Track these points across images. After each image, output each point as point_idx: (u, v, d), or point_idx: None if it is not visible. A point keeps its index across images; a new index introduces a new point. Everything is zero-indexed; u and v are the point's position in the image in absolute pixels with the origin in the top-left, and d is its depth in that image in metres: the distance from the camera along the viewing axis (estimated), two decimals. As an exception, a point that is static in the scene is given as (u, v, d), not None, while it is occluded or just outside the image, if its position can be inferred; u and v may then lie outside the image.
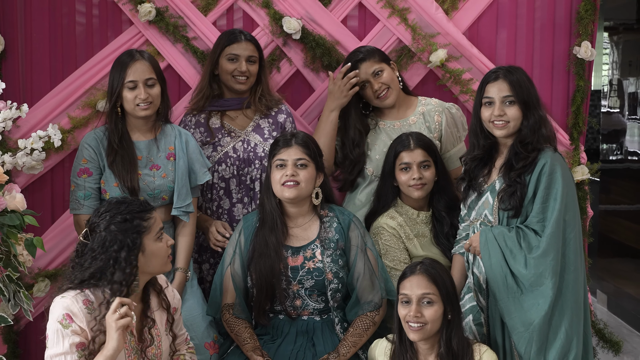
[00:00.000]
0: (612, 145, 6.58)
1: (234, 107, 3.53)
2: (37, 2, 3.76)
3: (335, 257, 3.08)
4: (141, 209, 2.51)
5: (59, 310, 2.40)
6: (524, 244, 2.83)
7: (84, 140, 3.23)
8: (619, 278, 6.07)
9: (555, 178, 2.84)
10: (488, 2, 3.81)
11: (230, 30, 3.54)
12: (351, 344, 2.99)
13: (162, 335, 2.63)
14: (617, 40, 6.58)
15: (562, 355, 2.78)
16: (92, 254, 2.43)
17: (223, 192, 3.50)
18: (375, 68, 3.44)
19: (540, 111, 2.93)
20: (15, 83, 3.74)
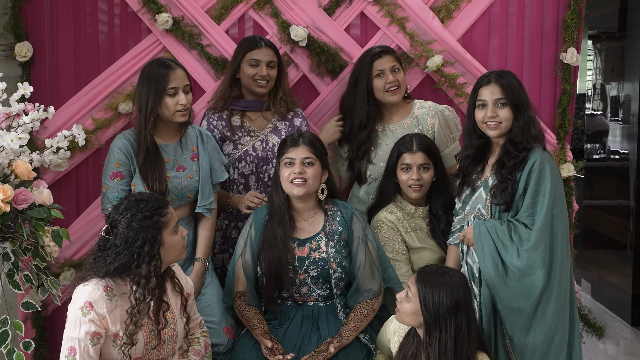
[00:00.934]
0: (595, 144, 6.57)
1: (254, 108, 3.53)
2: (62, 13, 3.76)
3: (339, 248, 3.08)
4: (159, 206, 2.52)
5: (82, 298, 2.42)
6: (515, 237, 2.82)
7: (115, 145, 3.20)
8: (602, 268, 6.06)
9: (544, 175, 2.84)
10: (481, 11, 3.80)
11: (251, 37, 3.54)
12: (353, 328, 2.99)
13: (177, 318, 2.64)
14: (601, 48, 6.56)
15: (548, 337, 2.77)
16: (116, 250, 2.44)
17: (242, 187, 3.50)
18: (395, 64, 3.45)
19: (530, 112, 2.92)
20: (43, 87, 3.74)
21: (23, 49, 3.68)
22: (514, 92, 2.91)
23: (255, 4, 3.78)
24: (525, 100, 2.93)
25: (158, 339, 2.54)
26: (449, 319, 2.56)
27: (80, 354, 2.40)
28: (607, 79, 6.35)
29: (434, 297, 2.56)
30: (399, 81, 3.44)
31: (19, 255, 2.86)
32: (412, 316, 2.63)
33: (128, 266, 2.44)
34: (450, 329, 2.56)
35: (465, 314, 2.59)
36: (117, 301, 2.46)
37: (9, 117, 3.03)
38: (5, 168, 2.93)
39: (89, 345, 2.40)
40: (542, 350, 2.80)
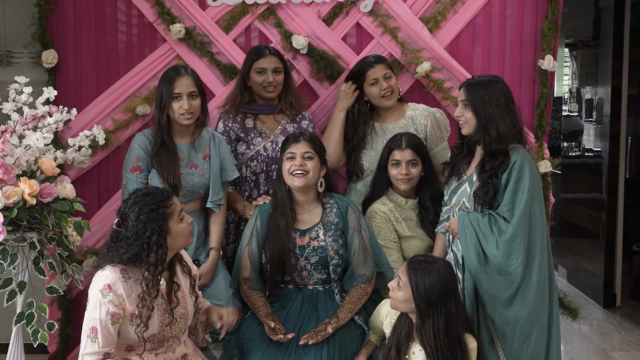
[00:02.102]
0: (571, 143, 6.56)
1: (266, 112, 3.51)
2: (85, 23, 3.75)
3: (336, 237, 3.07)
4: (163, 198, 2.51)
5: (101, 281, 2.42)
6: (495, 229, 2.80)
7: (135, 142, 3.20)
8: (577, 255, 6.06)
9: (524, 174, 2.80)
10: (466, 22, 3.78)
11: (257, 47, 3.51)
12: (348, 310, 2.98)
13: (187, 296, 2.65)
14: (576, 55, 6.54)
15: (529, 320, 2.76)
16: (127, 241, 2.44)
17: (253, 184, 3.49)
18: (387, 72, 3.44)
19: (504, 118, 2.86)
20: (68, 91, 3.74)
21: (49, 56, 3.69)
22: (477, 97, 2.88)
23: (260, 15, 3.76)
24: (495, 104, 2.87)
25: (171, 317, 2.54)
26: (440, 304, 2.54)
27: (101, 333, 2.39)
28: (582, 84, 6.33)
29: (425, 284, 2.54)
30: (392, 87, 3.44)
31: (44, 244, 2.86)
32: (404, 303, 2.61)
33: (139, 255, 2.44)
34: (442, 314, 2.54)
35: (454, 299, 2.57)
36: (132, 283, 2.46)
37: (35, 118, 3.03)
38: (32, 165, 2.93)
39: (109, 325, 2.40)
40: (523, 330, 2.78)
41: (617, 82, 5.38)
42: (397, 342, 2.66)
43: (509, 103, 2.91)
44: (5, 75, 3.86)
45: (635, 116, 5.67)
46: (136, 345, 2.50)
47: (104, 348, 2.40)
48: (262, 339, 2.92)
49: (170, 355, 2.58)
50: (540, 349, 2.82)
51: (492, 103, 2.87)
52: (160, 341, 2.55)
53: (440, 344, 2.52)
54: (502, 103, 2.88)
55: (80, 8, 3.74)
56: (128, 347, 2.51)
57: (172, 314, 2.55)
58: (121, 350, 2.50)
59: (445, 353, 2.53)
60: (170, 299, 2.55)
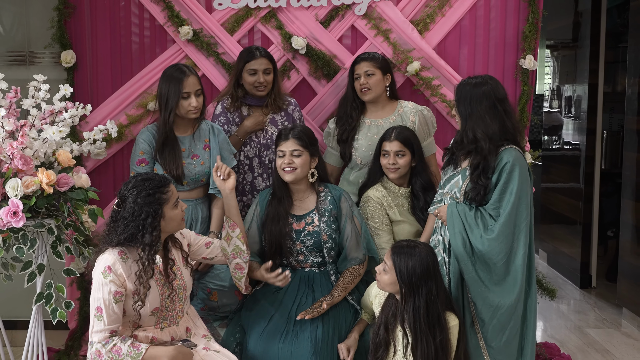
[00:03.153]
0: (552, 137, 6.53)
1: (256, 104, 3.47)
2: (101, 26, 3.73)
3: (329, 222, 3.05)
4: (161, 184, 2.49)
5: (101, 264, 2.41)
6: (480, 222, 2.74)
7: (140, 137, 3.18)
8: (556, 240, 6.05)
9: (514, 176, 2.71)
10: (453, 24, 3.74)
11: (249, 49, 3.46)
12: (342, 289, 2.97)
13: (182, 269, 2.64)
14: (557, 55, 6.51)
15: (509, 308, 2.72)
16: (125, 222, 2.42)
17: (247, 167, 3.48)
18: (368, 69, 3.38)
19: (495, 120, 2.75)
20: (85, 88, 3.73)
21: (68, 56, 3.67)
22: (461, 101, 2.81)
23: (262, 18, 3.72)
24: (474, 110, 2.77)
25: (170, 289, 2.54)
26: (421, 285, 2.53)
27: (106, 312, 2.38)
28: (562, 82, 6.31)
29: (407, 267, 2.53)
30: (369, 84, 3.38)
31: (62, 230, 2.83)
32: (390, 285, 2.60)
33: (135, 236, 2.42)
34: (422, 295, 2.53)
35: (434, 280, 2.55)
36: (131, 263, 2.45)
37: (52, 113, 3.00)
38: (49, 156, 2.91)
39: (113, 303, 2.38)
40: (501, 319, 2.72)
41: (593, 81, 5.36)
42: (385, 321, 2.64)
43: (496, 104, 2.77)
44: (29, 74, 3.83)
45: (610, 112, 5.64)
46: (142, 321, 2.49)
47: (109, 326, 2.38)
48: (263, 318, 2.90)
49: (175, 328, 2.58)
50: (513, 339, 2.76)
51: (474, 104, 2.77)
52: (164, 315, 2.54)
53: (420, 322, 2.52)
54: (485, 104, 2.76)
55: (96, 12, 3.71)
56: (135, 323, 2.49)
57: (172, 286, 2.56)
58: (128, 328, 2.49)
59: (425, 330, 2.52)
60: (167, 274, 2.56)
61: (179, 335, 2.59)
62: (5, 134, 2.79)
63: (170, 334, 2.56)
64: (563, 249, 5.89)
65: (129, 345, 2.37)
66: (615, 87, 5.88)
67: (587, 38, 5.36)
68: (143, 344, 2.41)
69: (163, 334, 2.53)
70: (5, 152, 2.71)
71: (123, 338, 2.40)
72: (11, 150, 2.65)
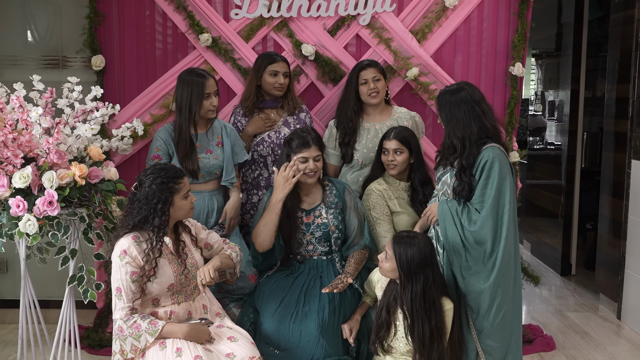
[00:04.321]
0: (536, 137, 6.51)
1: (272, 106, 3.47)
2: (128, 33, 3.72)
3: (336, 214, 3.05)
4: (175, 175, 2.51)
5: (118, 249, 2.44)
6: (466, 217, 2.73)
7: (157, 134, 3.19)
8: (539, 232, 6.04)
9: (493, 172, 2.69)
10: (449, 34, 3.72)
11: (269, 53, 3.46)
12: (354, 268, 2.99)
13: (192, 249, 2.66)
14: (541, 63, 6.48)
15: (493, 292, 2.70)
16: (139, 204, 2.46)
17: (262, 164, 3.46)
18: (376, 75, 3.38)
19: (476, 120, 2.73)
20: (113, 90, 3.72)
21: (97, 60, 3.66)
22: (441, 110, 2.79)
23: (275, 27, 3.71)
24: (453, 114, 2.75)
25: (183, 266, 2.56)
26: (419, 273, 2.53)
27: (124, 291, 2.41)
28: (546, 87, 6.28)
29: (407, 255, 2.53)
30: (378, 88, 3.38)
31: (92, 218, 2.83)
32: (391, 272, 2.60)
33: (147, 218, 2.45)
34: (420, 281, 2.53)
35: (431, 268, 2.55)
36: (144, 245, 2.47)
37: (84, 112, 3.00)
38: (81, 151, 2.91)
39: (130, 283, 2.42)
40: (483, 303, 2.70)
41: (575, 87, 5.35)
42: (387, 304, 2.64)
43: (474, 107, 2.74)
44: (61, 77, 3.83)
45: (590, 115, 5.62)
46: (160, 297, 2.51)
47: (128, 303, 2.42)
48: (274, 301, 2.90)
49: (191, 303, 2.59)
50: (500, 324, 2.73)
51: (454, 110, 2.75)
52: (179, 291, 2.55)
53: (417, 306, 2.52)
54: (464, 109, 2.73)
55: (124, 20, 3.70)
56: (153, 300, 2.52)
57: (185, 264, 2.57)
58: (149, 305, 2.51)
59: (421, 314, 2.52)
60: (178, 253, 2.58)
61: (195, 310, 2.60)
62: (42, 131, 2.79)
63: (188, 308, 2.57)
64: (546, 239, 5.88)
65: (148, 322, 2.39)
66: (595, 93, 5.85)
67: (570, 47, 5.35)
68: (161, 321, 2.42)
69: (180, 309, 2.54)
70: (42, 147, 2.71)
71: (143, 316, 2.42)
72: (47, 145, 2.65)
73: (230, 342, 2.47)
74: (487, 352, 2.74)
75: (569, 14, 5.36)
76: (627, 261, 4.18)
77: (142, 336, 2.37)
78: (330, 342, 2.74)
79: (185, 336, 2.40)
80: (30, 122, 2.73)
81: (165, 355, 2.34)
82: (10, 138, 2.61)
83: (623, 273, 4.22)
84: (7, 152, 2.61)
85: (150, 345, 2.38)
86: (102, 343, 3.64)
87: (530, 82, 6.84)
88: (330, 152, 3.51)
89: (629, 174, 4.16)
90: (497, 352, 2.74)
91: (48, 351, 3.19)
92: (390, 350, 2.65)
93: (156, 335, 2.37)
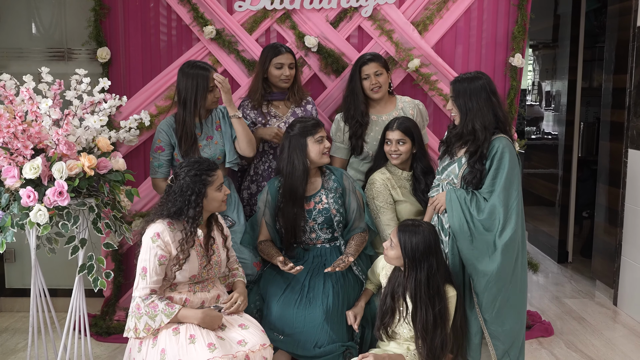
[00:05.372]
0: (533, 127, 6.54)
1: (279, 98, 3.47)
2: (133, 25, 3.71)
3: (336, 198, 3.09)
4: (209, 168, 2.57)
5: (152, 230, 2.50)
6: (475, 205, 2.76)
7: (159, 127, 3.20)
8: (537, 220, 6.07)
9: (504, 162, 2.73)
10: (449, 25, 3.73)
11: (274, 45, 3.44)
12: (355, 250, 3.02)
13: (220, 249, 2.71)
14: (538, 54, 6.50)
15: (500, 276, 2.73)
16: (174, 196, 2.53)
17: (272, 156, 3.46)
18: (377, 69, 3.37)
19: (489, 110, 2.77)
20: (118, 82, 3.72)
21: (103, 52, 3.66)
22: (460, 95, 2.79)
23: (278, 19, 3.71)
24: (474, 103, 2.77)
25: (207, 260, 2.60)
26: (423, 260, 2.55)
27: (149, 272, 2.47)
28: (543, 78, 6.30)
29: (411, 243, 2.55)
30: (380, 82, 3.37)
31: (101, 208, 2.85)
32: (396, 259, 2.63)
33: (182, 210, 2.51)
34: (424, 268, 2.55)
35: (435, 256, 2.57)
36: (177, 233, 2.53)
37: (93, 104, 3.00)
38: (90, 143, 2.91)
39: (157, 265, 2.47)
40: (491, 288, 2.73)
41: (573, 77, 5.35)
42: (392, 291, 2.67)
43: (491, 96, 2.78)
44: (67, 69, 3.84)
45: (587, 105, 5.65)
46: (179, 283, 2.56)
47: (150, 285, 2.47)
48: (279, 287, 2.93)
49: (206, 294, 2.63)
50: (503, 310, 2.76)
51: (473, 98, 2.77)
52: (198, 282, 2.60)
53: (421, 292, 2.54)
54: (483, 97, 2.77)
55: (129, 12, 3.70)
56: (172, 284, 2.57)
57: (210, 260, 2.61)
58: (167, 289, 2.56)
59: (425, 300, 2.54)
60: (207, 248, 2.63)
61: (209, 300, 2.63)
62: (51, 122, 2.80)
63: (202, 298, 2.61)
64: (543, 228, 5.91)
65: (165, 304, 2.44)
66: (591, 83, 5.89)
67: (567, 39, 5.35)
68: (177, 305, 2.47)
69: (195, 297, 2.58)
70: (51, 138, 2.72)
71: (161, 297, 2.48)
72: (57, 136, 2.66)
73: (242, 330, 2.50)
74: (495, 337, 2.77)
75: (566, 5, 5.36)
76: (624, 248, 4.22)
77: (157, 316, 2.42)
78: (335, 328, 2.78)
79: (199, 322, 2.44)
80: (39, 113, 2.74)
81: (178, 340, 2.37)
82: (20, 130, 2.62)
83: (619, 260, 4.26)
84: (17, 143, 2.62)
85: (164, 327, 2.42)
86: (109, 330, 3.67)
87: (528, 72, 6.86)
88: (339, 145, 3.50)
89: (626, 163, 4.18)
90: (504, 336, 2.77)
91: (57, 339, 3.22)
92: (394, 336, 2.67)
93: (171, 318, 2.42)
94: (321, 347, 2.73)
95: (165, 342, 2.39)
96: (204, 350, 2.32)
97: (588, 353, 3.57)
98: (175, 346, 2.36)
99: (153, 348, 2.40)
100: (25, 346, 3.48)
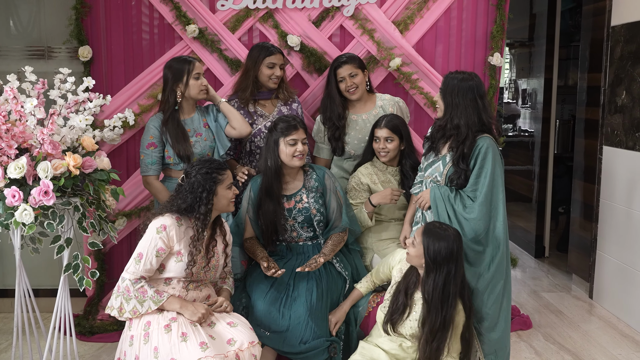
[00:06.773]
0: (510, 125, 6.63)
1: (266, 97, 3.47)
2: (114, 23, 3.71)
3: (316, 198, 3.10)
4: (220, 167, 2.64)
5: (159, 222, 2.55)
6: (460, 203, 2.79)
7: (150, 123, 3.17)
8: (514, 216, 6.15)
9: (487, 161, 2.76)
10: (430, 25, 3.78)
11: (264, 45, 3.41)
12: (331, 249, 3.03)
13: (220, 252, 2.74)
14: (514, 53, 6.59)
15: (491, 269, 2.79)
16: (185, 193, 2.59)
17: (259, 156, 3.43)
18: (352, 71, 3.39)
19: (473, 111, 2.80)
20: (100, 80, 3.70)
21: (85, 51, 3.64)
22: (447, 92, 2.83)
23: (261, 18, 3.73)
24: (460, 100, 2.80)
25: (207, 262, 2.64)
26: (443, 265, 2.54)
27: (144, 260, 2.51)
28: (519, 76, 6.39)
29: (435, 247, 2.54)
30: (355, 83, 3.39)
31: (85, 207, 2.84)
32: (416, 258, 2.62)
33: (192, 207, 2.57)
34: (442, 273, 2.54)
35: (455, 264, 2.56)
36: (184, 229, 2.57)
37: (77, 103, 2.99)
38: (74, 142, 2.90)
39: (153, 256, 2.51)
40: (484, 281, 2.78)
41: (548, 75, 5.44)
42: (406, 287, 2.67)
43: (477, 99, 2.81)
44: (47, 67, 3.81)
45: (563, 103, 5.75)
46: (174, 279, 2.59)
47: (141, 272, 2.51)
48: (265, 285, 2.94)
49: (198, 292, 2.65)
50: (494, 305, 2.81)
51: (460, 96, 2.80)
52: (193, 281, 2.63)
53: (435, 296, 2.53)
54: (469, 98, 2.80)
55: (110, 11, 3.69)
56: (167, 279, 2.59)
57: (209, 262, 2.65)
58: (161, 283, 2.58)
59: (437, 304, 2.53)
60: (208, 250, 2.66)
61: (200, 299, 2.65)
62: (35, 122, 2.78)
63: (193, 297, 2.62)
64: (520, 223, 6.00)
65: (154, 291, 2.49)
66: (567, 81, 5.99)
67: (542, 37, 5.43)
68: (166, 292, 2.51)
69: (187, 296, 2.60)
70: (36, 137, 2.71)
71: (150, 284, 2.51)
72: (42, 136, 2.65)
73: (230, 328, 2.52)
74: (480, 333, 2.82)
75: (542, 4, 5.44)
76: (599, 243, 4.31)
77: (146, 302, 2.47)
78: (319, 324, 2.81)
79: (181, 308, 2.48)
80: (24, 113, 2.72)
81: (170, 338, 2.39)
82: (4, 129, 2.61)
83: (595, 254, 4.35)
84: (1, 143, 2.60)
85: (150, 312, 2.47)
86: (92, 330, 3.66)
87: (505, 70, 6.95)
88: (321, 146, 3.53)
89: (601, 160, 4.28)
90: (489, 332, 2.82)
91: (42, 339, 3.20)
92: (396, 332, 2.68)
93: (159, 305, 2.48)
94: (306, 343, 2.76)
95: (158, 340, 2.40)
96: (196, 348, 2.34)
97: (566, 345, 3.65)
98: (167, 344, 2.38)
99: (145, 345, 2.42)
100: (8, 347, 3.46)
